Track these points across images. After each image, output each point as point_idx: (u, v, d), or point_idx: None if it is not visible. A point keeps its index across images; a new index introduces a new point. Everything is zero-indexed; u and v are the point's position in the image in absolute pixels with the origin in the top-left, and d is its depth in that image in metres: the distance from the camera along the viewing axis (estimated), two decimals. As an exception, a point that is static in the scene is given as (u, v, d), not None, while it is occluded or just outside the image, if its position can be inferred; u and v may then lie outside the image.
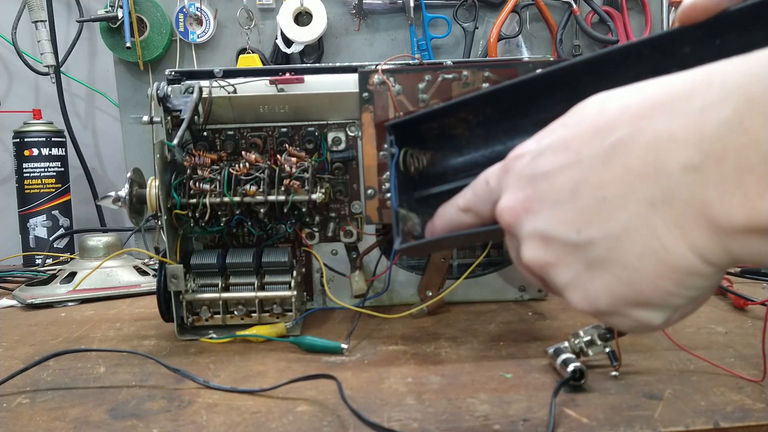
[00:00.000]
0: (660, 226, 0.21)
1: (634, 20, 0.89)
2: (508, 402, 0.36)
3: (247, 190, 0.50)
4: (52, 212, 0.93)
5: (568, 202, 0.23)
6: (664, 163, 0.20)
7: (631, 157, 0.21)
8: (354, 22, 0.90)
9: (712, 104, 0.19)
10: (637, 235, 0.21)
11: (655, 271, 0.21)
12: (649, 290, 0.22)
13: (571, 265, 0.24)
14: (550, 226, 0.24)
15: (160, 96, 0.50)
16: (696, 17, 0.28)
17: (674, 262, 0.21)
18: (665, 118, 0.21)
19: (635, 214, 0.21)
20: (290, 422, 0.34)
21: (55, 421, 0.36)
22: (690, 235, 0.20)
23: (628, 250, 0.22)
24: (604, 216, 0.22)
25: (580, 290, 0.24)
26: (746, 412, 0.33)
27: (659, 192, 0.20)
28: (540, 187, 0.25)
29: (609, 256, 0.22)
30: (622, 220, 0.22)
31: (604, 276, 0.23)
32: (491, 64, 0.52)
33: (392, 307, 0.59)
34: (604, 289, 0.23)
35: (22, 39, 0.96)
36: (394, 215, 0.35)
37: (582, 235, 0.23)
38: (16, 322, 0.60)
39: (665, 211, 0.20)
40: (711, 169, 0.19)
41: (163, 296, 0.51)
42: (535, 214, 0.25)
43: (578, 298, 0.24)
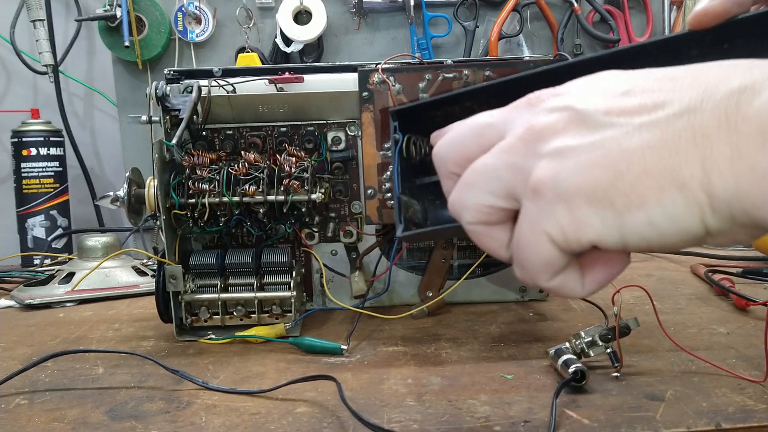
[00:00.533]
0: (687, 129, 0.20)
1: (636, 19, 0.89)
2: (509, 403, 0.36)
3: (246, 190, 0.49)
4: (50, 212, 0.93)
5: (618, 97, 0.23)
6: (716, 84, 0.21)
7: (689, 73, 0.22)
8: (354, 20, 0.90)
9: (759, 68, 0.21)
10: (659, 128, 0.21)
11: (650, 167, 0.21)
12: (627, 186, 0.21)
13: (575, 137, 0.23)
14: (582, 103, 0.23)
15: (159, 95, 0.50)
16: (706, 23, 0.29)
17: (677, 167, 0.20)
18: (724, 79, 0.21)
19: (671, 113, 0.21)
20: (290, 423, 0.34)
21: (53, 422, 0.36)
22: (711, 149, 0.20)
23: (638, 136, 0.21)
24: (639, 109, 0.22)
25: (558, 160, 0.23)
26: (748, 413, 0.33)
27: (703, 100, 0.21)
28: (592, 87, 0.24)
29: (617, 138, 0.22)
30: (655, 115, 0.21)
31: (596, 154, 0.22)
32: (492, 63, 0.52)
33: (392, 307, 0.59)
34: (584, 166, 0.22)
35: (21, 38, 0.95)
36: (397, 201, 0.34)
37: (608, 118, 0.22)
38: (15, 323, 0.60)
39: (701, 118, 0.20)
40: (758, 100, 0.19)
41: (162, 297, 0.51)
42: (570, 95, 0.24)
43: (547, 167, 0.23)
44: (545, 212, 0.23)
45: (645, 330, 0.45)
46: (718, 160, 0.20)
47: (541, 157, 0.23)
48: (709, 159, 0.20)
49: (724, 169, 0.20)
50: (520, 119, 0.25)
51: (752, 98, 0.20)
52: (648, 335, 0.46)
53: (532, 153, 0.23)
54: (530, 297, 0.60)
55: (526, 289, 0.60)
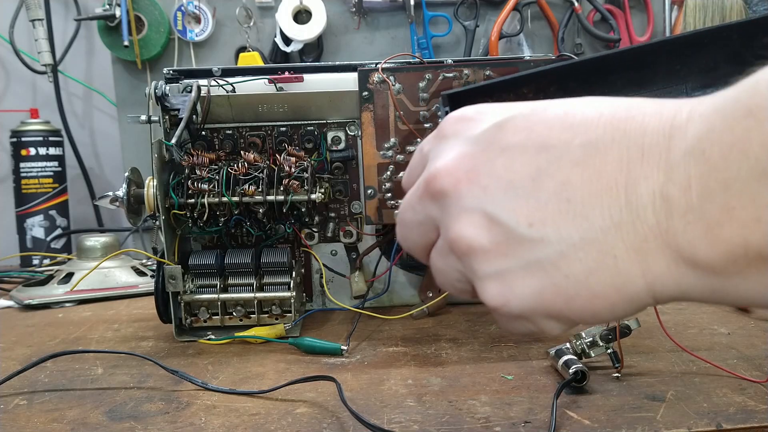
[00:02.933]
0: (620, 246, 0.20)
1: (636, 18, 0.89)
2: (509, 404, 0.36)
3: (245, 189, 0.49)
4: (49, 212, 0.93)
5: (527, 190, 0.21)
6: (635, 185, 0.19)
7: (605, 166, 0.20)
8: (354, 20, 0.90)
9: (679, 130, 0.19)
10: (594, 249, 0.20)
11: (598, 291, 0.21)
12: (581, 306, 0.21)
13: (507, 257, 0.22)
14: (500, 210, 0.22)
15: (158, 95, 0.50)
16: None
17: (622, 286, 0.20)
18: (641, 134, 0.20)
19: (598, 228, 0.20)
20: (289, 424, 0.34)
21: (52, 423, 0.36)
22: (648, 263, 0.20)
23: (578, 261, 0.21)
24: (563, 218, 0.21)
25: (502, 285, 0.22)
26: (749, 414, 0.33)
27: (627, 213, 0.20)
28: (495, 161, 0.22)
29: (555, 261, 0.21)
30: (583, 230, 0.20)
31: (540, 279, 0.21)
32: (492, 62, 0.52)
33: (392, 308, 0.59)
34: (532, 293, 0.22)
35: (20, 37, 0.95)
36: None
37: (533, 231, 0.21)
38: (14, 323, 0.60)
39: (628, 233, 0.20)
40: (677, 198, 0.19)
41: (161, 297, 0.51)
42: (483, 189, 0.22)
43: (495, 292, 0.22)
44: (506, 322, 0.24)
45: (646, 330, 0.45)
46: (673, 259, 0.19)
47: (480, 277, 0.23)
48: (655, 266, 0.20)
49: (700, 251, 0.19)
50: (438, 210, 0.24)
51: (685, 145, 0.19)
52: (649, 335, 0.46)
53: (468, 267, 0.23)
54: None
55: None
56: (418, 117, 0.52)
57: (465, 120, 0.25)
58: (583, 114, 0.22)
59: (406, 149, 0.52)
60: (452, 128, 0.25)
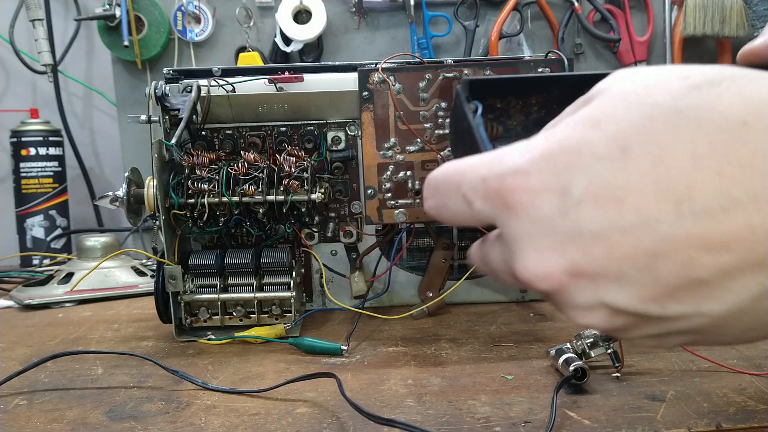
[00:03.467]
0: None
1: (636, 18, 0.89)
2: (509, 404, 0.36)
3: (245, 189, 0.49)
4: (49, 212, 0.93)
5: (643, 277, 0.18)
6: None
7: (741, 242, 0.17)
8: (354, 20, 0.90)
9: None
10: (750, 313, 0.18)
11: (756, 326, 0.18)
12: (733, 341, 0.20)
13: (648, 329, 0.19)
14: (620, 301, 0.19)
15: (158, 95, 0.50)
16: (751, 61, 0.28)
17: None
18: None
19: (747, 297, 0.17)
20: (289, 424, 0.34)
21: (52, 423, 0.36)
22: None
23: (734, 326, 0.18)
24: (699, 296, 0.18)
25: (651, 341, 0.20)
26: (749, 414, 0.33)
27: None
28: (591, 251, 0.18)
29: (707, 330, 0.19)
30: (728, 302, 0.18)
31: (690, 337, 0.19)
32: (492, 62, 0.52)
33: (392, 308, 0.59)
34: (679, 342, 0.20)
35: (20, 37, 0.95)
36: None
37: (668, 310, 0.18)
38: (14, 323, 0.60)
39: None
40: None
41: (161, 297, 0.51)
42: (592, 283, 0.19)
43: (647, 344, 0.21)
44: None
45: (646, 330, 0.45)
46: None
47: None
48: None
49: None
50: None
51: None
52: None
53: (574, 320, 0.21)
54: (531, 297, 0.60)
55: (526, 290, 0.60)
56: (418, 117, 0.52)
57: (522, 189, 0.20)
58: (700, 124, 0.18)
59: (406, 149, 0.52)
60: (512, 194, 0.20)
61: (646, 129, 0.18)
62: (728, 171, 0.17)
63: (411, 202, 0.53)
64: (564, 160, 0.19)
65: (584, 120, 0.19)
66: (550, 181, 0.19)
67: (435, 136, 0.52)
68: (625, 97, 0.19)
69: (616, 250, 0.18)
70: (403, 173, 0.52)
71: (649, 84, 0.19)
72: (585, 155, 0.18)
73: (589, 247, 0.18)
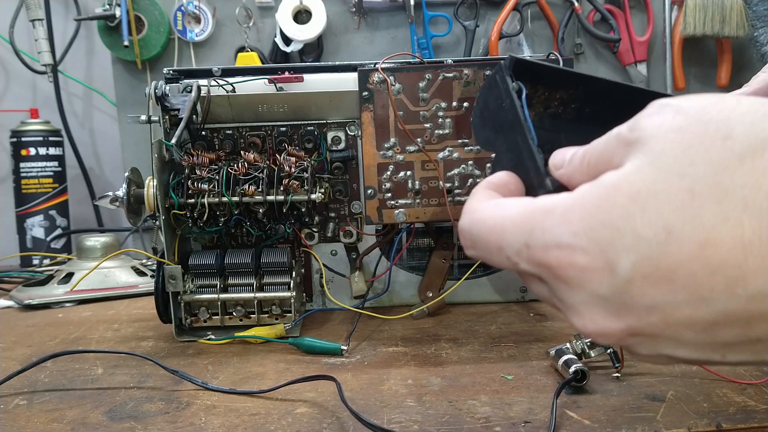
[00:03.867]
0: None
1: (636, 18, 0.89)
2: (509, 404, 0.36)
3: (245, 189, 0.49)
4: (49, 212, 0.93)
5: (701, 338, 0.19)
6: None
7: None
8: (354, 20, 0.90)
9: None
10: None
11: None
12: None
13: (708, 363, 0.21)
14: (680, 354, 0.19)
15: (158, 95, 0.50)
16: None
17: None
18: None
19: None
20: (289, 424, 0.34)
21: (52, 423, 0.36)
22: None
23: None
24: (758, 349, 0.18)
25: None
26: (749, 414, 0.33)
27: None
28: (647, 319, 0.19)
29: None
30: None
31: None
32: (492, 62, 0.52)
33: (392, 308, 0.59)
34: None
35: (20, 37, 0.95)
36: (537, 151, 0.27)
37: (728, 358, 0.19)
38: (14, 323, 0.60)
39: None
40: None
41: (161, 297, 0.51)
42: (651, 341, 0.20)
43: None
44: None
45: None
46: None
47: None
48: None
49: None
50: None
51: None
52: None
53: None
54: (531, 297, 0.60)
55: (526, 290, 0.60)
56: (418, 117, 0.52)
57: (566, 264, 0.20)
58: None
59: (406, 149, 0.52)
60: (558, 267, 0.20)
61: (690, 208, 0.18)
62: None
63: (411, 202, 0.53)
64: (607, 236, 0.19)
65: (624, 189, 0.19)
66: (597, 259, 0.19)
67: (435, 136, 0.52)
68: (665, 163, 0.19)
69: (671, 319, 0.18)
70: (403, 173, 0.52)
71: (688, 146, 0.18)
72: (628, 234, 0.18)
73: (644, 316, 0.19)
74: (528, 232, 0.21)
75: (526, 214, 0.21)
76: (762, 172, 0.17)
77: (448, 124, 0.52)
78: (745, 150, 0.18)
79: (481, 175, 0.52)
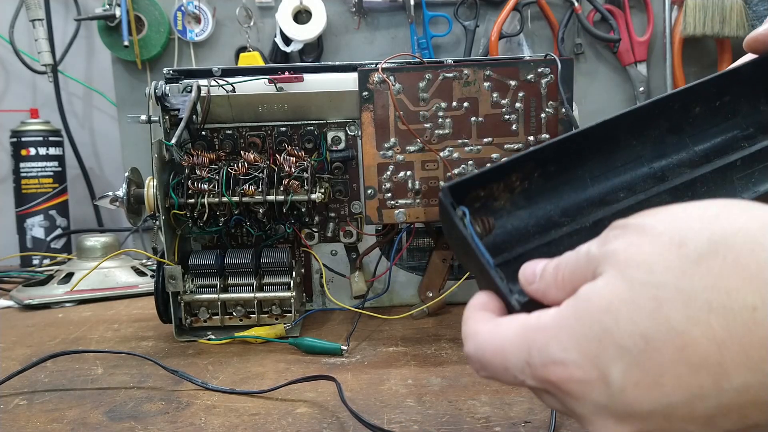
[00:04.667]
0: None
1: (636, 18, 0.89)
2: (509, 404, 0.36)
3: (245, 189, 0.49)
4: (49, 212, 0.93)
5: (706, 430, 0.19)
6: None
7: None
8: (354, 20, 0.90)
9: None
10: None
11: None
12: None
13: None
14: None
15: (158, 95, 0.50)
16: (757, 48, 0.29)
17: None
18: None
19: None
20: (289, 424, 0.34)
21: (52, 423, 0.36)
22: None
23: None
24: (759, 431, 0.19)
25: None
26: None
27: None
28: (649, 422, 0.20)
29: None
30: None
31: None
32: (492, 62, 0.52)
33: (392, 308, 0.59)
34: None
35: (20, 37, 0.95)
36: (496, 273, 0.29)
37: None
38: (14, 323, 0.60)
39: None
40: None
41: (161, 297, 0.51)
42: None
43: None
44: None
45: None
46: None
47: None
48: None
49: None
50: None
51: None
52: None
53: None
54: (530, 297, 0.60)
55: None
56: (418, 117, 0.52)
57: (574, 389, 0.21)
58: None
59: (406, 149, 0.52)
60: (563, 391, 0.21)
61: (659, 315, 0.19)
62: (754, 353, 0.18)
63: (411, 202, 0.53)
64: (594, 349, 0.20)
65: (597, 302, 0.20)
66: (590, 372, 0.20)
67: (435, 136, 0.52)
68: (631, 275, 0.20)
69: (673, 418, 0.19)
70: (403, 173, 0.52)
71: (649, 257, 0.20)
72: (611, 346, 0.19)
73: (648, 420, 0.20)
74: (526, 351, 0.22)
75: (522, 334, 0.22)
76: (718, 273, 0.19)
77: (448, 124, 0.52)
78: (698, 254, 0.19)
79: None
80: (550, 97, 0.52)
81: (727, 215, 0.20)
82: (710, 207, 0.21)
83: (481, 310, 0.26)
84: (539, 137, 0.52)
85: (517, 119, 0.52)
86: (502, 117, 0.52)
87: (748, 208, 0.20)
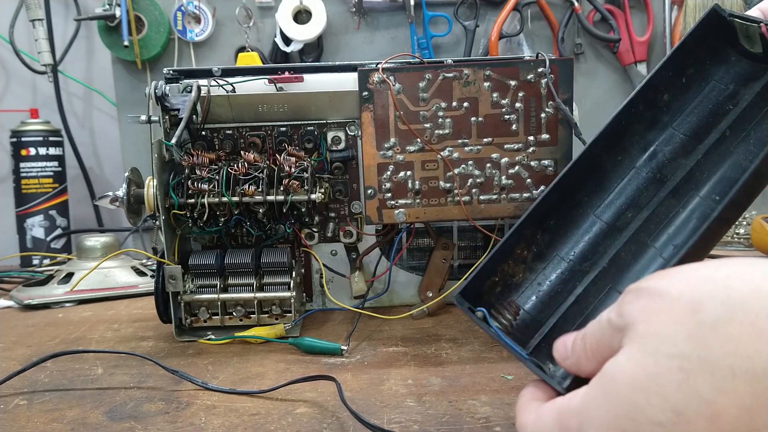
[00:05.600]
0: None
1: (636, 18, 0.89)
2: (509, 404, 0.36)
3: (245, 189, 0.49)
4: (49, 212, 0.93)
5: None
6: None
7: None
8: (354, 20, 0.90)
9: None
10: None
11: None
12: None
13: None
14: None
15: (158, 95, 0.50)
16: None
17: None
18: None
19: None
20: (289, 424, 0.34)
21: (52, 423, 0.36)
22: None
23: None
24: None
25: None
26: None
27: None
28: None
29: None
30: None
31: None
32: (492, 62, 0.52)
33: (392, 308, 0.59)
34: None
35: (20, 37, 0.95)
36: (533, 364, 0.31)
37: None
38: (14, 323, 0.60)
39: None
40: None
41: (161, 297, 0.51)
42: None
43: None
44: None
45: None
46: None
47: None
48: None
49: None
50: None
51: None
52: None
53: None
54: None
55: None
56: (418, 117, 0.52)
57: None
58: None
59: (406, 149, 0.52)
60: None
61: (687, 387, 0.19)
62: None
63: (411, 202, 0.53)
64: (628, 427, 0.20)
65: (624, 380, 0.21)
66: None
67: (435, 136, 0.52)
68: (652, 347, 0.20)
69: None
70: (403, 173, 0.52)
71: (667, 326, 0.20)
72: (644, 423, 0.20)
73: None
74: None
75: (558, 420, 0.23)
76: (737, 337, 0.19)
77: (448, 124, 0.52)
78: (714, 320, 0.19)
79: (481, 175, 0.52)
80: (550, 97, 0.52)
81: (741, 275, 0.20)
82: (721, 267, 0.21)
83: (530, 400, 0.28)
84: (539, 137, 0.52)
85: (517, 119, 0.52)
86: (502, 117, 0.52)
87: (761, 268, 0.20)
